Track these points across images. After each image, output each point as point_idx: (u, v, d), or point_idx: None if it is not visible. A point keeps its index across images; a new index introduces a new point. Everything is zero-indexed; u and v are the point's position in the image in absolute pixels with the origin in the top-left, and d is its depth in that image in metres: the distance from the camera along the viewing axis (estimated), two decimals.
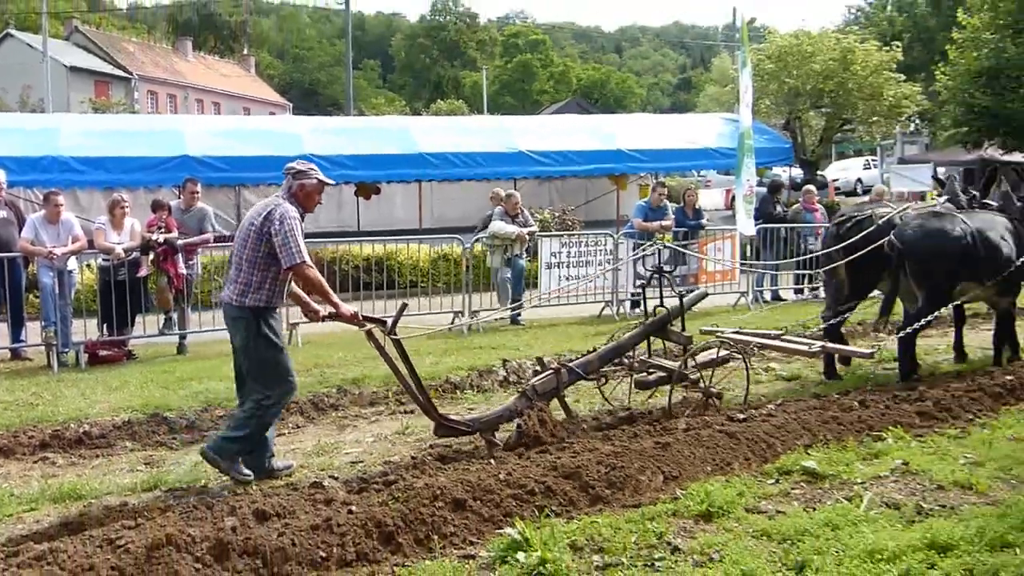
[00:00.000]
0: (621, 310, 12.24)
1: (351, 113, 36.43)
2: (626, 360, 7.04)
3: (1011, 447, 5.64)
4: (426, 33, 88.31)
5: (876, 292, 8.87)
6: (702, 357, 6.93)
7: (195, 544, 3.96)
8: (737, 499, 4.73)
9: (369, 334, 5.66)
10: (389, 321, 5.75)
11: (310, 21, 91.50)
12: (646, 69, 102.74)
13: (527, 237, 11.89)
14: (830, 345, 7.83)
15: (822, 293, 13.74)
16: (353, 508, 4.44)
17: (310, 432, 6.76)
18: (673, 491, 4.90)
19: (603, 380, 7.16)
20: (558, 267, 12.03)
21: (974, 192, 8.93)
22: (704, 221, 13.66)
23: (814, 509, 4.65)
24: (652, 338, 7.27)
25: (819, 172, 30.09)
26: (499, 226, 11.72)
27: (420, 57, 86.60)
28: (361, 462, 5.84)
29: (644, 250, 11.08)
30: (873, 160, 37.36)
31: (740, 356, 7.06)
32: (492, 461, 5.43)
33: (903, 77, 24.65)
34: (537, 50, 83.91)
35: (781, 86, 23.77)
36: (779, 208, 14.18)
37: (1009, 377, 7.24)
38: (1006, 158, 27.09)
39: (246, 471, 5.46)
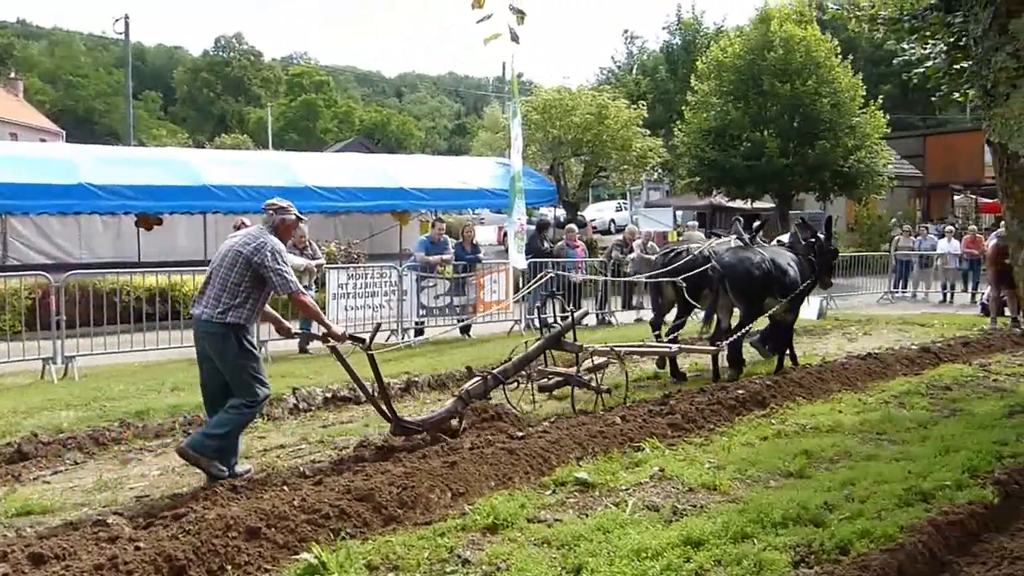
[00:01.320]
0: (405, 338, 12.20)
1: (131, 143, 33.91)
2: (526, 370, 7.69)
3: (746, 451, 6.20)
4: (209, 68, 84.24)
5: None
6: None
7: None
8: (519, 511, 4.82)
9: (333, 348, 6.07)
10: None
11: (85, 48, 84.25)
12: (424, 114, 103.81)
13: (315, 269, 11.59)
14: (685, 346, 9.34)
15: (588, 321, 14.48)
16: (140, 544, 4.08)
17: (90, 468, 6.14)
18: (461, 507, 4.92)
19: (516, 384, 7.74)
20: (345, 297, 11.84)
21: (753, 232, 10.45)
22: (481, 255, 14.05)
23: (587, 516, 4.85)
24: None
25: (579, 212, 31.79)
26: (288, 258, 11.31)
27: (203, 91, 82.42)
28: (147, 496, 5.39)
29: (539, 279, 11.25)
30: (624, 203, 40.08)
31: (620, 361, 8.11)
32: (286, 487, 5.20)
33: (648, 132, 26.63)
34: (321, 90, 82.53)
35: (546, 135, 24.91)
36: (546, 244, 14.90)
37: (741, 391, 7.92)
38: (731, 204, 30.05)
39: (222, 467, 5.53)
